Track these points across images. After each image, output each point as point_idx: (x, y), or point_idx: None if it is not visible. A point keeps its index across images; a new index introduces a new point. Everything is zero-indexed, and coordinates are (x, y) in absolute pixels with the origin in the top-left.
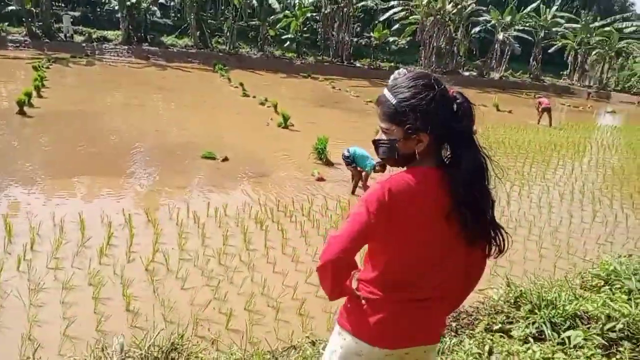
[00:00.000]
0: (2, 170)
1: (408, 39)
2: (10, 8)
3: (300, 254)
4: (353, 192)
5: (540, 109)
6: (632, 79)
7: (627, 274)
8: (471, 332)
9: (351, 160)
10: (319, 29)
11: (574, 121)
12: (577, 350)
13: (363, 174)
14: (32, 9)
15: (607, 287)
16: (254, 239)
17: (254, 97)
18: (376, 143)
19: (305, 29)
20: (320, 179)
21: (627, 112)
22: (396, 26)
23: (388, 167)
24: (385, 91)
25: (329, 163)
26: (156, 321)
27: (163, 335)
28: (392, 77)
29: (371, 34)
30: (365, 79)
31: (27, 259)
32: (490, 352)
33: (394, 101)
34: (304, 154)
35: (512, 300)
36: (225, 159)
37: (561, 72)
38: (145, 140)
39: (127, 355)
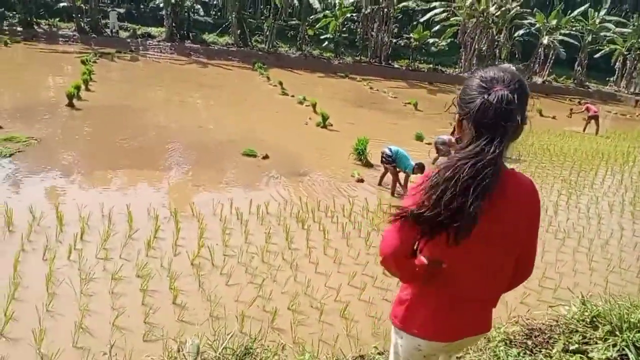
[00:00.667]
0: (53, 159)
1: (448, 40)
2: (61, 4)
3: (342, 256)
4: (393, 194)
5: (587, 117)
6: None
7: None
8: (548, 351)
9: (392, 160)
10: (358, 29)
11: (622, 129)
12: None
13: (403, 175)
14: (82, 5)
15: None
16: (296, 238)
17: (293, 96)
18: None
19: (344, 29)
20: (360, 180)
21: None
22: (437, 27)
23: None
24: None
25: (368, 164)
26: (202, 316)
27: (236, 338)
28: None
29: (410, 34)
30: (403, 80)
31: (78, 248)
32: None
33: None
34: (344, 155)
35: (589, 320)
36: (266, 157)
37: (607, 79)
38: (188, 137)
39: (202, 357)
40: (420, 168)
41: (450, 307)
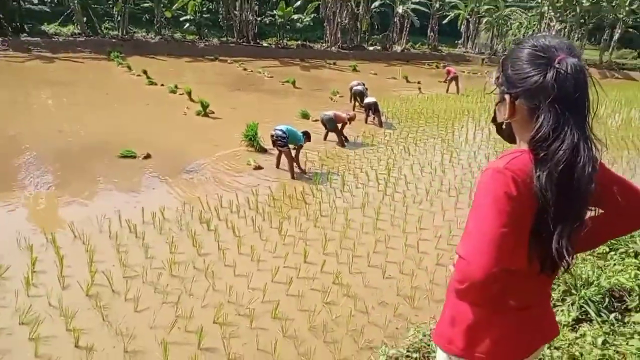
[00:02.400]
0: None
1: (312, 16)
2: None
3: (259, 252)
4: (293, 177)
5: (448, 78)
6: None
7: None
8: None
9: (286, 141)
10: (220, 9)
11: (477, 87)
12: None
13: (294, 150)
14: None
15: (612, 253)
16: (205, 242)
17: (162, 85)
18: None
19: (204, 9)
20: (258, 168)
21: None
22: (298, 3)
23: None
24: None
25: (262, 150)
26: (116, 355)
27: None
28: None
29: (274, 12)
30: (275, 59)
31: None
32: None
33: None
34: (234, 143)
35: None
36: (148, 156)
37: (456, 42)
38: (47, 144)
39: None
40: (308, 136)
41: (519, 320)
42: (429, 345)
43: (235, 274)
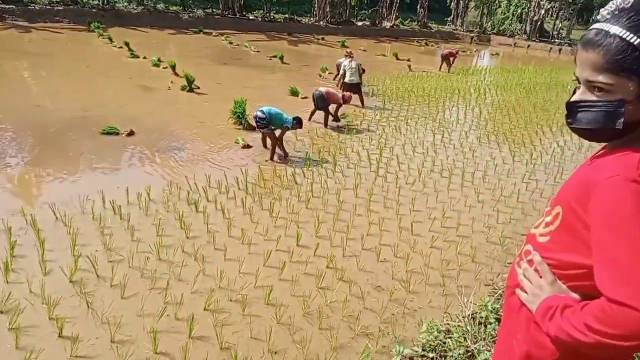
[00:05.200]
0: None
1: None
2: None
3: (250, 234)
4: (272, 159)
5: (445, 57)
6: (505, 22)
7: None
8: None
9: (267, 122)
10: None
11: (466, 65)
12: None
13: (279, 131)
14: None
15: None
16: (193, 225)
17: (145, 57)
18: (576, 106)
19: None
20: (247, 146)
21: (507, 53)
22: None
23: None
24: (611, 26)
25: (251, 127)
26: (102, 346)
27: None
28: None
29: None
30: (261, 33)
31: None
32: None
33: (635, 40)
34: (221, 120)
35: None
36: (131, 133)
37: (445, 19)
38: (24, 120)
39: None
40: (299, 122)
41: None
42: (444, 344)
43: (225, 257)
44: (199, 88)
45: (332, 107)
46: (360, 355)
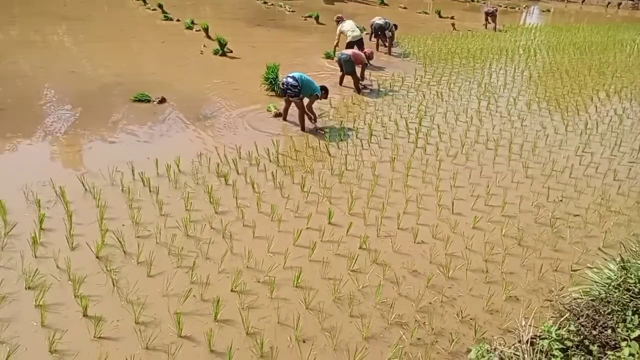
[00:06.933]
0: None
1: None
2: None
3: (280, 211)
4: (303, 129)
5: (490, 14)
6: None
7: None
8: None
9: (299, 90)
10: None
11: (515, 22)
12: None
13: (307, 101)
14: None
15: None
16: (222, 199)
17: (178, 20)
18: None
19: None
20: (279, 115)
21: (559, 9)
22: None
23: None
24: None
25: (284, 95)
26: (126, 327)
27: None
28: None
29: None
30: None
31: None
32: None
33: None
34: (253, 86)
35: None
36: (162, 101)
37: None
38: (60, 86)
39: None
40: (326, 92)
41: None
42: None
43: (254, 235)
44: (231, 52)
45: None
46: (393, 347)
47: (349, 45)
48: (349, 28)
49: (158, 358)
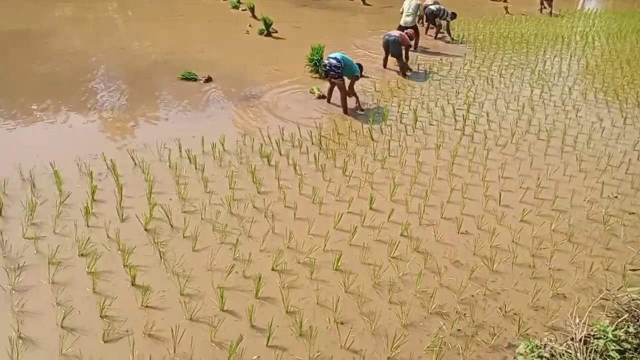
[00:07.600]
0: None
1: None
2: None
3: (322, 194)
4: (345, 112)
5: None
6: None
7: None
8: None
9: (342, 71)
10: None
11: (572, 7)
12: None
13: (348, 82)
14: None
15: None
16: (265, 179)
17: None
18: None
19: None
20: (322, 97)
21: None
22: None
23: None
24: None
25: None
26: (172, 298)
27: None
28: None
29: None
30: None
31: None
32: None
33: None
34: (297, 67)
35: None
36: (209, 80)
37: None
38: (110, 62)
39: None
40: (361, 69)
41: None
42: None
43: (295, 217)
44: (276, 32)
45: None
46: (432, 336)
47: (399, 28)
48: (405, 8)
49: (202, 329)
